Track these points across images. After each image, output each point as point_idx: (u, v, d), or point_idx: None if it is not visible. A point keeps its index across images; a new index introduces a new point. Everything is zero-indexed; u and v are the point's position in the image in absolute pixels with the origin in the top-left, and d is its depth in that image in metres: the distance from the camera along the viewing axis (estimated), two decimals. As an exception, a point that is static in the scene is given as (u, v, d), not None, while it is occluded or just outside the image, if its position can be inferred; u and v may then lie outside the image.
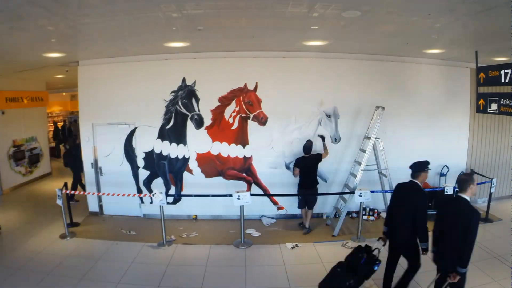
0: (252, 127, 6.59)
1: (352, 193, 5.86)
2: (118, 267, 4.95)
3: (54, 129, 13.76)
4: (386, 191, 6.32)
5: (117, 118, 6.68)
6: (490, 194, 6.59)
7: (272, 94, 6.48)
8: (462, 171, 7.13)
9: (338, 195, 6.60)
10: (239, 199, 5.60)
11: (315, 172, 6.11)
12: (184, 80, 6.47)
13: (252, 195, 5.77)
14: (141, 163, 6.76)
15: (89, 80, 6.66)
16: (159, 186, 6.78)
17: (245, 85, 6.46)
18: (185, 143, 6.66)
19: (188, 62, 6.36)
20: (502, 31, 4.07)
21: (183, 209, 6.83)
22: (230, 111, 6.54)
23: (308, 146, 6.00)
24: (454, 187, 6.09)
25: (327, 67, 6.49)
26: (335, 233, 6.00)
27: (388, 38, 5.09)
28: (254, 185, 6.75)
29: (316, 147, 6.25)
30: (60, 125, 14.61)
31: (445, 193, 5.94)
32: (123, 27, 4.19)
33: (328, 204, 6.81)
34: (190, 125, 6.60)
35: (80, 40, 4.94)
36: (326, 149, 6.16)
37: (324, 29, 4.57)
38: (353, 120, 6.67)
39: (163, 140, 6.66)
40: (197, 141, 6.62)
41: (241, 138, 6.62)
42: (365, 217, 6.62)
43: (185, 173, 6.74)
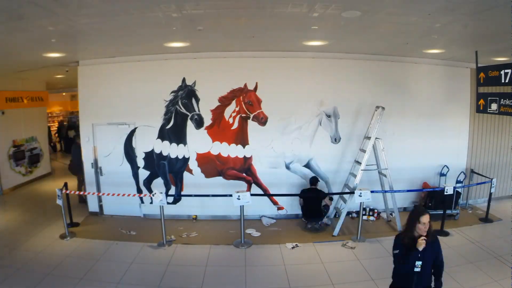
0: (252, 127, 6.59)
1: (352, 193, 5.86)
2: (118, 267, 4.95)
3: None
4: (386, 191, 6.33)
5: (117, 118, 6.68)
6: (490, 194, 6.59)
7: (272, 94, 6.48)
8: (462, 171, 7.14)
9: (338, 195, 6.61)
10: (239, 199, 5.60)
11: (320, 203, 6.25)
12: (184, 80, 6.47)
13: (252, 195, 5.76)
14: (141, 163, 6.77)
15: (89, 80, 6.66)
16: (159, 186, 6.78)
17: (245, 85, 6.46)
18: (185, 143, 6.66)
19: (188, 62, 6.37)
20: (502, 31, 4.07)
21: (183, 209, 6.83)
22: (230, 111, 6.54)
23: (315, 179, 6.28)
24: (454, 187, 6.10)
25: (327, 67, 6.50)
26: (335, 233, 6.00)
27: (388, 38, 5.09)
28: (254, 185, 6.75)
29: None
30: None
31: (445, 193, 5.93)
32: (123, 27, 4.19)
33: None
34: (190, 125, 6.60)
35: (80, 40, 4.94)
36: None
37: (324, 29, 4.57)
38: (353, 120, 6.67)
39: (163, 140, 6.67)
40: (197, 141, 6.62)
41: (241, 138, 6.62)
42: (365, 217, 6.62)
43: (185, 173, 6.74)
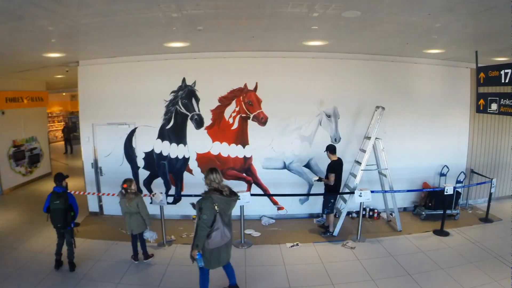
0: (252, 127, 6.59)
1: (353, 193, 5.86)
2: (118, 267, 4.96)
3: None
4: (386, 191, 6.33)
5: (117, 118, 6.68)
6: (490, 194, 6.59)
7: (272, 94, 6.48)
8: (462, 171, 7.14)
9: (338, 195, 6.59)
10: (239, 199, 5.58)
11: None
12: (184, 80, 6.47)
13: (252, 195, 5.77)
14: (141, 163, 6.77)
15: (89, 80, 6.66)
16: (159, 186, 6.78)
17: (245, 85, 6.47)
18: (185, 143, 6.66)
19: (188, 62, 6.36)
20: (502, 31, 4.07)
21: (183, 209, 6.82)
22: (230, 111, 6.54)
23: (334, 147, 5.97)
24: (454, 187, 6.10)
25: (327, 67, 6.50)
26: (335, 233, 6.00)
27: (388, 38, 5.09)
28: (254, 185, 6.75)
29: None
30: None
31: (445, 193, 5.93)
32: (123, 27, 4.19)
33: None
34: (190, 125, 6.60)
35: (80, 40, 4.94)
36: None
37: (324, 29, 4.57)
38: (354, 120, 6.68)
39: (163, 140, 6.67)
40: (197, 141, 6.62)
41: (241, 138, 6.62)
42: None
43: (185, 173, 6.75)
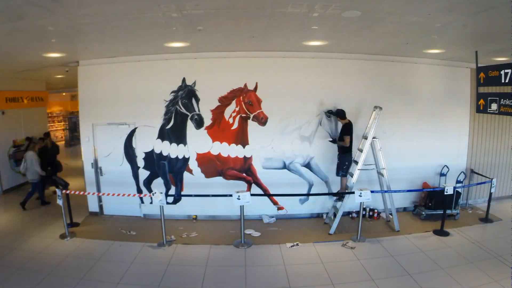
0: (252, 127, 6.59)
1: (353, 193, 5.86)
2: (118, 267, 4.95)
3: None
4: (386, 191, 6.31)
5: (117, 118, 6.68)
6: (490, 194, 6.59)
7: (272, 94, 6.48)
8: (462, 171, 7.14)
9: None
10: (239, 199, 5.60)
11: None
12: (184, 80, 6.47)
13: (252, 195, 5.76)
14: (141, 163, 6.76)
15: (89, 80, 6.67)
16: (159, 186, 6.78)
17: (245, 85, 6.46)
18: (185, 143, 6.66)
19: (188, 62, 6.36)
20: (502, 31, 4.07)
21: (183, 209, 6.83)
22: (230, 111, 6.54)
23: (343, 111, 6.27)
24: (454, 187, 6.10)
25: (327, 67, 6.49)
26: (331, 231, 6.01)
27: (388, 38, 5.09)
28: (254, 185, 6.75)
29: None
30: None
31: (445, 193, 5.93)
32: (123, 27, 4.19)
33: (328, 203, 6.82)
34: (190, 125, 6.60)
35: (80, 40, 4.94)
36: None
37: (324, 29, 4.57)
38: (354, 120, 6.65)
39: (163, 140, 6.67)
40: (197, 141, 6.62)
41: (241, 138, 6.62)
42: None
43: (185, 173, 6.74)
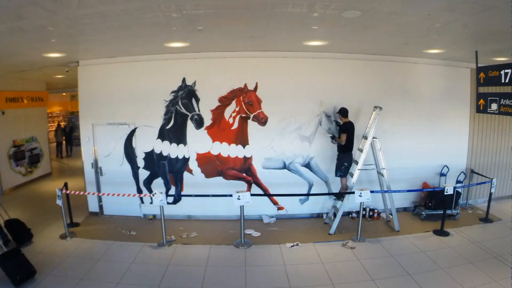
0: (252, 127, 6.59)
1: (353, 193, 5.86)
2: (118, 267, 4.95)
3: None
4: (386, 191, 6.30)
5: (117, 118, 6.68)
6: (490, 194, 6.59)
7: (272, 94, 6.47)
8: (462, 171, 7.14)
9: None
10: (239, 199, 5.60)
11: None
12: (184, 80, 6.47)
13: (252, 195, 5.76)
14: (141, 163, 6.76)
15: (89, 80, 6.67)
16: (159, 186, 6.78)
17: (245, 85, 6.46)
18: (185, 143, 6.66)
19: (188, 62, 6.36)
20: (502, 31, 4.07)
21: (183, 209, 6.84)
22: (230, 111, 6.54)
23: (346, 110, 6.20)
24: (454, 187, 6.10)
25: (327, 67, 6.49)
26: (331, 231, 6.02)
27: (388, 38, 5.09)
28: (254, 185, 6.75)
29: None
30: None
31: (445, 193, 5.93)
32: (123, 27, 4.19)
33: (328, 203, 6.82)
34: (190, 125, 6.60)
35: (80, 40, 4.94)
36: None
37: (324, 29, 4.57)
38: (354, 120, 6.65)
39: (163, 140, 6.67)
40: (197, 141, 6.62)
41: (241, 138, 6.62)
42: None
43: (185, 173, 6.74)
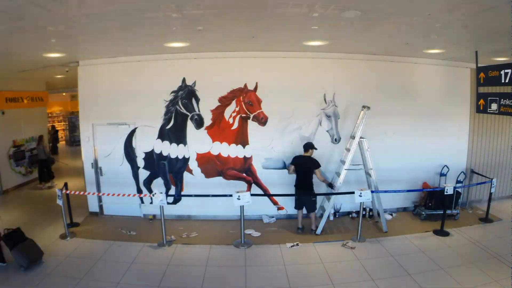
0: (252, 127, 6.59)
1: (352, 193, 5.85)
2: (118, 267, 4.95)
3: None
4: (386, 191, 6.24)
5: (117, 118, 6.68)
6: (490, 194, 6.59)
7: (272, 94, 6.47)
8: (462, 171, 7.14)
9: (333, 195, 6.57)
10: (239, 199, 5.60)
11: (310, 174, 6.02)
12: (184, 80, 6.47)
13: (252, 195, 5.76)
14: (141, 163, 6.76)
15: (89, 80, 6.67)
16: (159, 186, 6.78)
17: (245, 85, 6.46)
18: (185, 143, 6.66)
19: (188, 62, 6.36)
20: (502, 31, 4.07)
21: (183, 209, 6.84)
22: (230, 111, 6.54)
23: (307, 145, 6.06)
24: (454, 187, 6.10)
25: (327, 67, 6.49)
26: (318, 231, 6.01)
27: (388, 38, 5.09)
28: (254, 185, 6.75)
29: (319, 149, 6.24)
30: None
31: (445, 193, 5.93)
32: (123, 27, 4.19)
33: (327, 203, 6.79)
34: (190, 125, 6.60)
35: (80, 40, 4.94)
36: (323, 178, 6.13)
37: (324, 29, 4.57)
38: (353, 119, 6.65)
39: (163, 140, 6.67)
40: (197, 141, 6.62)
41: (241, 138, 6.62)
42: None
43: (185, 173, 6.74)
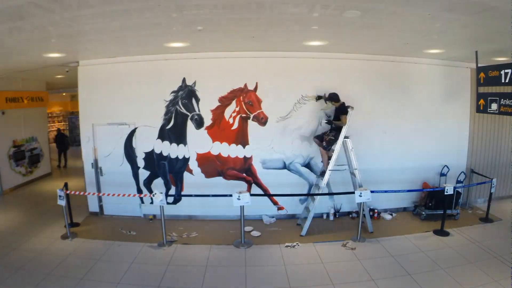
0: (252, 127, 6.59)
1: (352, 193, 5.86)
2: (118, 267, 4.96)
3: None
4: (387, 191, 6.27)
5: (117, 118, 6.68)
6: (490, 194, 6.59)
7: (272, 94, 6.48)
8: (462, 171, 7.14)
9: (334, 195, 6.60)
10: (239, 199, 5.60)
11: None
12: (184, 80, 6.47)
13: (252, 195, 5.76)
14: (141, 163, 6.76)
15: (89, 80, 6.67)
16: (159, 186, 6.78)
17: (245, 85, 6.46)
18: (185, 143, 6.66)
19: (188, 62, 6.36)
20: (502, 31, 4.07)
21: (183, 209, 6.83)
22: (230, 111, 6.54)
23: (332, 95, 6.03)
24: (454, 187, 6.10)
25: (327, 67, 6.49)
26: (302, 233, 5.98)
27: (388, 38, 5.09)
28: (254, 185, 6.75)
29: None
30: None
31: (445, 193, 5.93)
32: (123, 27, 4.19)
33: (329, 203, 6.83)
34: (190, 125, 6.60)
35: (80, 40, 4.93)
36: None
37: (324, 29, 4.57)
38: (353, 119, 6.66)
39: (163, 140, 6.67)
40: (197, 141, 6.62)
41: (241, 138, 6.62)
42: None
43: (185, 173, 6.74)
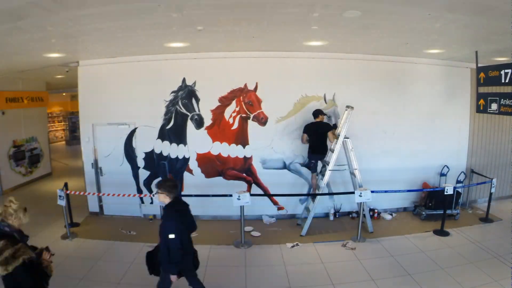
0: (252, 127, 6.58)
1: (352, 193, 5.86)
2: (119, 267, 4.95)
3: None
4: (387, 191, 6.27)
5: (117, 118, 6.68)
6: (490, 194, 6.59)
7: (272, 94, 6.48)
8: (462, 171, 7.14)
9: (334, 195, 6.60)
10: (239, 199, 5.60)
11: (324, 138, 6.20)
12: (184, 80, 6.47)
13: (252, 195, 5.76)
14: (141, 163, 6.76)
15: (89, 80, 6.66)
16: (159, 186, 6.77)
17: (245, 85, 6.46)
18: (185, 143, 6.66)
19: (188, 62, 6.36)
20: (502, 31, 4.07)
21: (183, 209, 6.83)
22: (230, 111, 6.54)
23: (316, 111, 6.20)
24: (454, 187, 6.10)
25: (327, 67, 6.49)
26: (302, 233, 5.98)
27: (388, 38, 5.08)
28: (254, 185, 6.75)
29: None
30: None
31: (445, 193, 5.93)
32: (123, 27, 4.19)
33: (329, 203, 6.83)
34: (190, 125, 6.60)
35: (80, 40, 4.94)
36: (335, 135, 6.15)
37: (324, 29, 4.57)
38: (352, 119, 6.65)
39: (163, 140, 6.67)
40: (197, 141, 6.62)
41: (241, 138, 6.62)
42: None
43: (185, 173, 6.74)
